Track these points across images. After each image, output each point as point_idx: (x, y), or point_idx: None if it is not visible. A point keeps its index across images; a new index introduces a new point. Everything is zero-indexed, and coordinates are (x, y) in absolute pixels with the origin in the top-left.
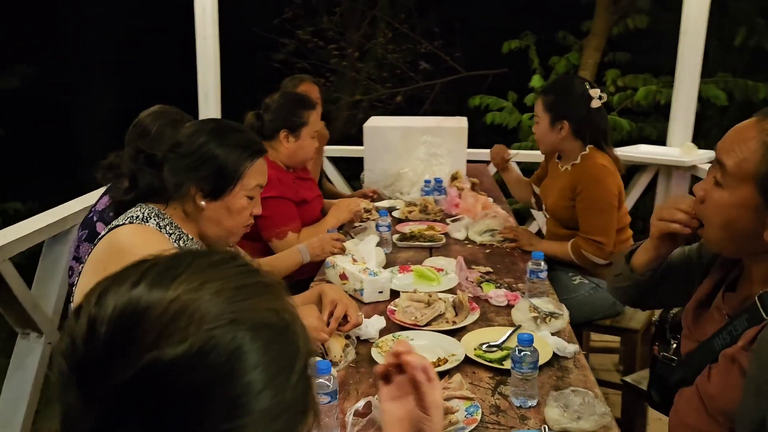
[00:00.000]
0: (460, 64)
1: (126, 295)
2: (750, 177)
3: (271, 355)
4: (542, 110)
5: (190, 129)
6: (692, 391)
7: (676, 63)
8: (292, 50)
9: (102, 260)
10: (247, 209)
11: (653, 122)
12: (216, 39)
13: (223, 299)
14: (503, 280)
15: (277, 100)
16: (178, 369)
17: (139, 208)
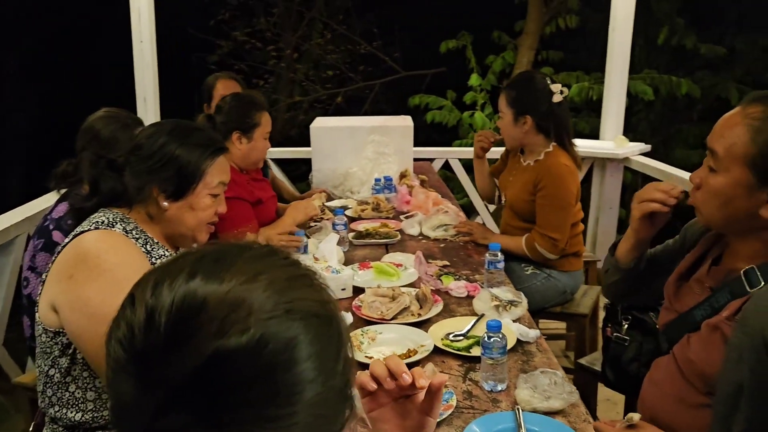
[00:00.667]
0: (399, 64)
1: (183, 287)
2: (740, 159)
3: (321, 344)
4: (506, 105)
5: (149, 131)
6: (669, 359)
7: (605, 60)
8: (228, 51)
9: (68, 267)
10: (211, 207)
11: (585, 117)
12: (153, 42)
13: (276, 290)
14: (461, 273)
15: (228, 101)
16: (241, 358)
17: (104, 214)
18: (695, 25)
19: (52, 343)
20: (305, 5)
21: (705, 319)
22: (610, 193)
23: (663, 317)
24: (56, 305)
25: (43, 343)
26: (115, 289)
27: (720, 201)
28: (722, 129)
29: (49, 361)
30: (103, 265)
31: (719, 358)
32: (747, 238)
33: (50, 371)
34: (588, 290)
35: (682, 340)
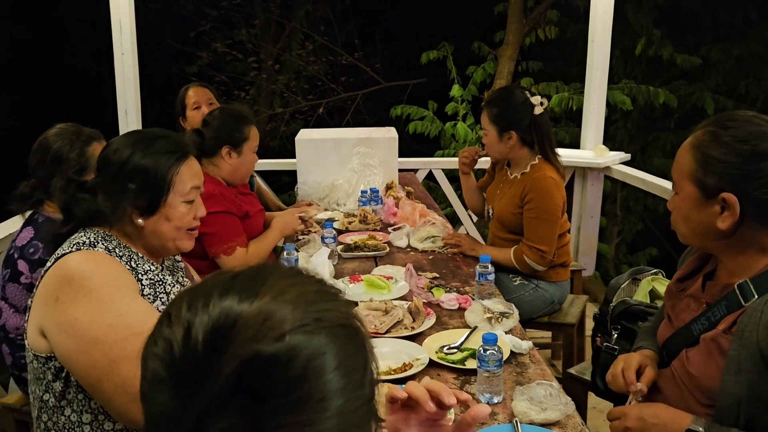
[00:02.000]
0: (380, 75)
1: (218, 305)
2: (686, 176)
3: (349, 353)
4: (488, 123)
5: (113, 146)
6: (668, 372)
7: (584, 70)
8: (208, 63)
9: (54, 290)
10: (188, 215)
11: (565, 127)
12: (134, 54)
13: (305, 303)
14: (451, 285)
15: (218, 116)
16: (275, 363)
17: (84, 234)
18: (671, 36)
19: (45, 369)
20: (286, 16)
21: (702, 333)
22: (592, 202)
23: (662, 332)
24: (44, 330)
25: (35, 369)
26: (101, 309)
27: (681, 218)
28: (677, 155)
29: (43, 386)
30: (88, 286)
31: (718, 371)
32: (732, 254)
33: (44, 396)
34: (575, 300)
35: (680, 354)
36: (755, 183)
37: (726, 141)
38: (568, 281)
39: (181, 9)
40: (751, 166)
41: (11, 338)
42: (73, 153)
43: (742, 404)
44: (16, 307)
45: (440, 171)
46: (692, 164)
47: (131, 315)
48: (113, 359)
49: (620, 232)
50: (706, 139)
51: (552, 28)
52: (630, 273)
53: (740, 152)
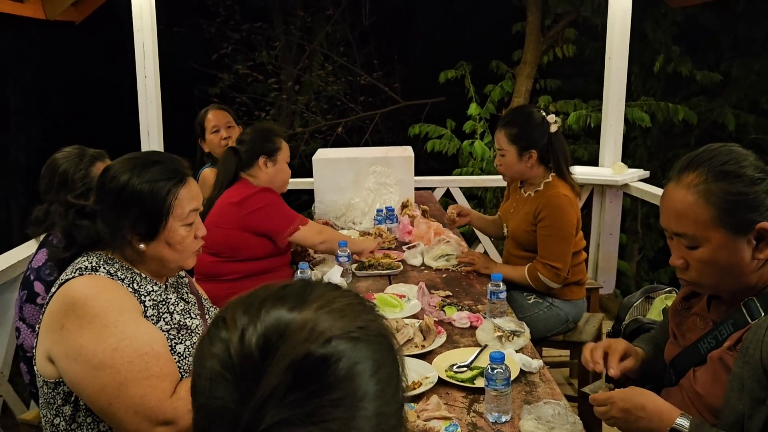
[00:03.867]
0: (399, 94)
1: (271, 313)
2: (710, 224)
3: (386, 361)
4: (507, 143)
5: (111, 171)
6: (677, 390)
7: (603, 88)
8: (229, 84)
9: (59, 317)
10: (188, 237)
11: (584, 144)
12: (157, 77)
13: (352, 312)
14: (463, 303)
15: (249, 132)
16: (325, 364)
17: (86, 258)
18: (690, 52)
19: (54, 394)
20: (306, 38)
21: (710, 351)
22: (611, 220)
23: (669, 351)
24: (52, 356)
25: (45, 394)
26: (105, 333)
27: (718, 268)
28: (674, 211)
29: (54, 411)
30: (91, 312)
31: (724, 390)
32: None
33: (55, 420)
34: (590, 318)
35: (688, 373)
36: None
37: (738, 173)
38: (584, 300)
39: (204, 32)
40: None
41: (29, 357)
42: (78, 174)
43: (746, 421)
44: (33, 327)
45: (458, 189)
46: (711, 211)
47: (136, 337)
48: (121, 382)
49: (641, 249)
50: (712, 180)
51: (570, 47)
52: (643, 291)
53: (753, 179)
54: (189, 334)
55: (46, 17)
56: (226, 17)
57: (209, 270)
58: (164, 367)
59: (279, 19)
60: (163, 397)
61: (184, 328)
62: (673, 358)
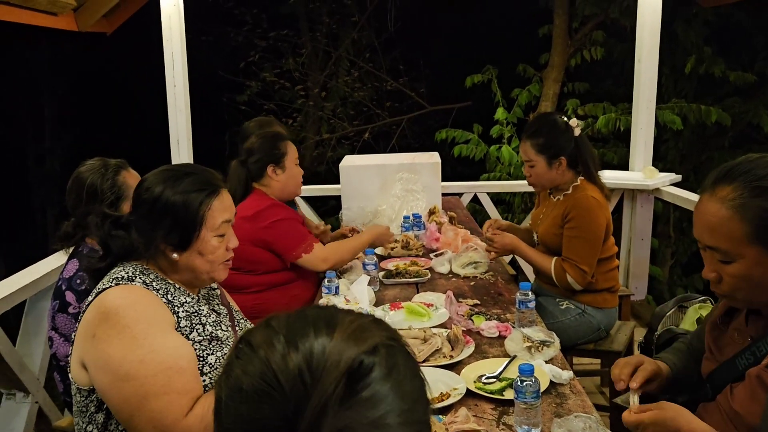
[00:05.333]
0: (425, 99)
1: (309, 336)
2: (745, 240)
3: (414, 368)
4: (535, 153)
5: (146, 183)
6: (714, 407)
7: (632, 91)
8: (257, 92)
9: (92, 326)
10: (220, 248)
11: (613, 148)
12: (186, 86)
13: (378, 326)
14: (491, 312)
15: (254, 141)
16: (374, 370)
17: (123, 268)
18: (723, 53)
19: (87, 402)
20: (332, 45)
21: (748, 367)
22: (642, 225)
23: (706, 366)
24: (85, 364)
25: (78, 402)
26: (133, 345)
27: (752, 283)
28: (707, 225)
29: (87, 418)
30: (122, 323)
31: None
32: None
33: (88, 427)
34: (622, 326)
35: (725, 389)
36: None
37: None
38: (616, 309)
39: (232, 41)
40: None
41: (62, 366)
42: (106, 184)
43: None
44: (66, 336)
45: (485, 195)
46: (746, 227)
47: (162, 351)
48: (144, 395)
49: (674, 254)
50: (748, 195)
51: (598, 49)
52: (676, 300)
53: None
54: (220, 345)
55: (78, 29)
56: (253, 25)
57: (233, 282)
58: (186, 383)
59: (305, 26)
60: (180, 415)
61: (216, 340)
62: (710, 373)
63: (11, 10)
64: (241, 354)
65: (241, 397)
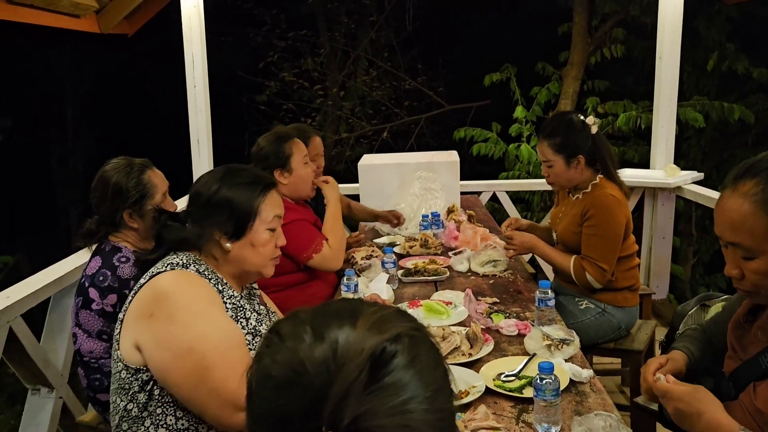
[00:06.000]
0: (444, 98)
1: (334, 325)
2: (767, 235)
3: (440, 357)
4: (552, 153)
5: (203, 180)
6: (737, 405)
7: (653, 88)
8: (275, 92)
9: (148, 306)
10: (270, 242)
11: (634, 146)
12: (206, 86)
13: (403, 316)
14: (510, 310)
15: (260, 145)
16: (397, 357)
17: (176, 256)
18: (746, 49)
19: (132, 379)
20: (351, 44)
21: None
22: (663, 223)
23: (728, 364)
24: (140, 343)
25: (122, 379)
26: (194, 320)
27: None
28: (729, 221)
29: (128, 396)
30: (181, 301)
31: None
32: None
33: (128, 405)
34: (643, 325)
35: (748, 387)
36: None
37: None
38: (637, 307)
39: (251, 41)
40: None
41: (86, 361)
42: (131, 183)
43: None
44: (89, 333)
45: (504, 193)
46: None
47: (222, 327)
48: (206, 366)
49: (696, 253)
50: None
51: (618, 47)
52: (698, 299)
53: None
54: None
55: (100, 31)
56: (272, 26)
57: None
58: (243, 356)
59: (324, 26)
60: (241, 383)
61: (259, 335)
62: (733, 371)
63: (36, 12)
64: (270, 344)
65: (270, 384)
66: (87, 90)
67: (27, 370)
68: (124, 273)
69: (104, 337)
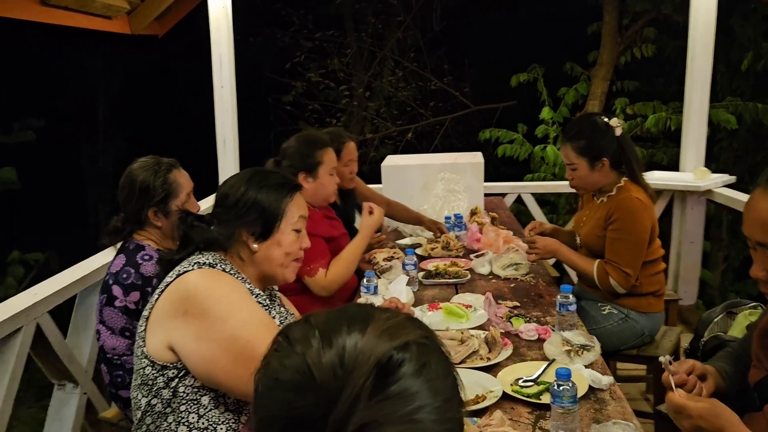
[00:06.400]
0: (469, 99)
1: (343, 330)
2: None
3: (449, 365)
4: (576, 156)
5: (230, 182)
6: (761, 416)
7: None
8: (302, 92)
9: (179, 305)
10: (296, 242)
11: (663, 148)
12: (233, 87)
13: (413, 324)
14: (531, 314)
15: (292, 144)
16: (405, 366)
17: (202, 256)
18: None
19: (158, 375)
20: (377, 44)
21: None
22: (692, 227)
23: (753, 375)
24: (173, 343)
25: (145, 375)
26: (233, 310)
27: None
28: (759, 220)
29: (153, 392)
30: (215, 295)
31: None
32: None
33: (152, 401)
34: (668, 332)
35: None
36: None
37: None
38: (662, 313)
39: (279, 41)
40: None
41: (108, 358)
42: (158, 182)
43: None
44: (112, 330)
45: (529, 195)
46: None
47: (258, 312)
48: (252, 350)
49: (726, 258)
50: None
51: (649, 46)
52: (724, 306)
53: None
54: None
55: (131, 32)
56: (299, 26)
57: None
58: None
59: (351, 26)
60: None
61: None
62: (757, 382)
63: (69, 14)
64: (279, 347)
65: (277, 388)
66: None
67: (53, 366)
68: (147, 271)
69: (127, 334)
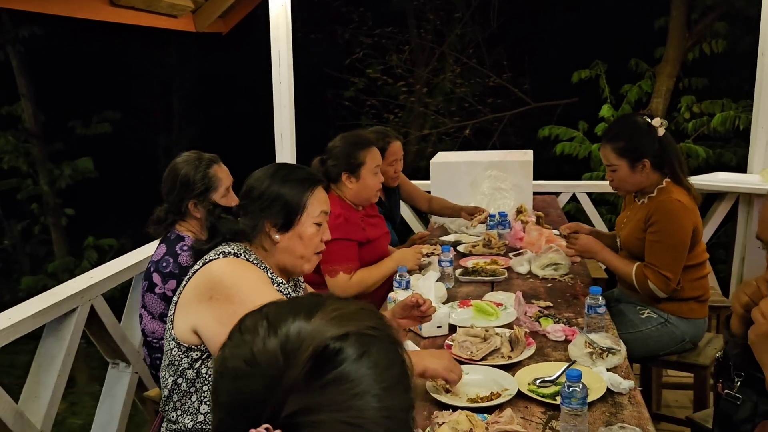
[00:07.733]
0: (529, 96)
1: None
2: None
3: (396, 358)
4: (616, 158)
5: (256, 176)
6: None
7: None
8: (361, 88)
9: (205, 290)
10: (317, 235)
11: (733, 148)
12: (291, 83)
13: (363, 315)
14: (562, 315)
15: (337, 144)
16: (340, 355)
17: (227, 246)
18: None
19: (183, 356)
20: (437, 41)
21: None
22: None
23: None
24: (198, 324)
25: (173, 356)
26: (254, 295)
27: None
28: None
29: (178, 372)
30: (238, 282)
31: None
32: None
33: (178, 380)
34: (713, 339)
35: None
36: None
37: None
38: (705, 319)
39: (339, 38)
40: None
41: (149, 341)
42: (198, 176)
43: None
44: (152, 314)
45: (585, 195)
46: None
47: (280, 296)
48: None
49: None
50: None
51: (719, 42)
52: None
53: None
54: None
55: (196, 30)
56: (359, 23)
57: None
58: None
59: (412, 23)
60: None
61: None
62: None
63: (136, 13)
64: (232, 336)
65: (226, 376)
66: (189, 85)
67: (107, 345)
68: (185, 261)
69: (165, 319)
